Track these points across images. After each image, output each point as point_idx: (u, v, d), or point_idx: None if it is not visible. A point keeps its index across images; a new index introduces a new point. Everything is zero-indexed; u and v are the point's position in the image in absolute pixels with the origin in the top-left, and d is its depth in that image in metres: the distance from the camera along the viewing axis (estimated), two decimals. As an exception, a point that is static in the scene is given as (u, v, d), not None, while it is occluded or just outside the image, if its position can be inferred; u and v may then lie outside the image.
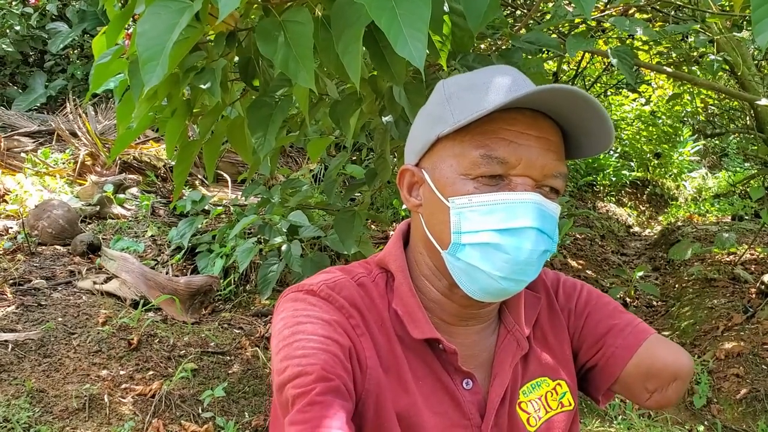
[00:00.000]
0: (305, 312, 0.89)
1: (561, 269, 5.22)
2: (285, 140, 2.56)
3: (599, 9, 3.46)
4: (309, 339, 0.85)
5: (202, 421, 2.76)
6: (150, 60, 1.30)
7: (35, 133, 5.42)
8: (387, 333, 0.92)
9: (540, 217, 0.86)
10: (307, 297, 0.91)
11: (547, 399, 0.98)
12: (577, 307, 1.04)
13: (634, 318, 1.03)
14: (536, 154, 0.86)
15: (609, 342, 1.00)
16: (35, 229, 3.84)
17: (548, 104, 0.87)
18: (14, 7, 6.50)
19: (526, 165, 0.86)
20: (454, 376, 0.94)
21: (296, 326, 0.87)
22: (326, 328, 0.86)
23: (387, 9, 1.08)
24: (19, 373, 2.70)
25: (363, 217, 2.59)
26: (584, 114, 0.87)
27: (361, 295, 0.93)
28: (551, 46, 2.01)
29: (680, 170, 9.20)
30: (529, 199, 0.86)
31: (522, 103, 0.86)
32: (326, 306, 0.90)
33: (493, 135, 0.86)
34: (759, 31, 1.09)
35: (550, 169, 0.88)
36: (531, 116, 0.87)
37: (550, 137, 0.88)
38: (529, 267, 0.87)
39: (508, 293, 0.91)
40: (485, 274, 0.87)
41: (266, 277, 3.46)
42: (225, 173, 5.35)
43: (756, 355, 3.51)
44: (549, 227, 0.88)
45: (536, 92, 0.82)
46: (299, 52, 1.33)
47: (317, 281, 0.93)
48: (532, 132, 0.87)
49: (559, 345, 1.03)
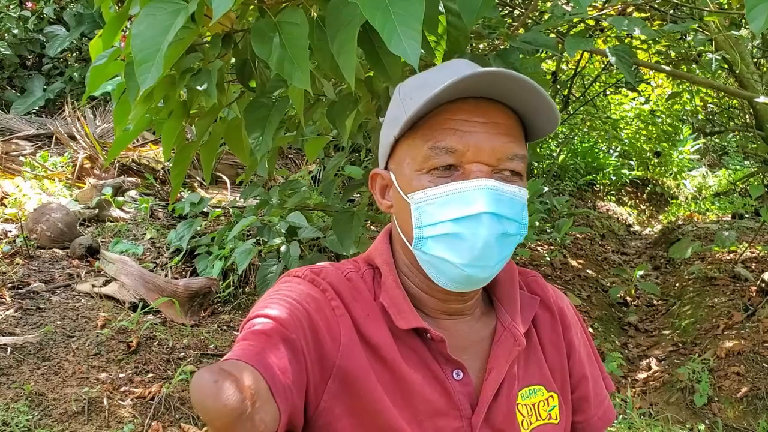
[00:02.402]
0: (287, 285, 0.94)
1: (561, 269, 5.21)
2: (282, 140, 2.56)
3: (597, 8, 3.45)
4: (281, 298, 0.89)
5: (201, 424, 2.75)
6: (145, 61, 1.30)
7: (34, 136, 5.41)
8: (376, 322, 0.94)
9: (494, 201, 0.87)
10: (293, 279, 0.95)
11: (540, 408, 1.00)
12: (574, 339, 1.08)
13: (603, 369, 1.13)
14: (483, 139, 0.88)
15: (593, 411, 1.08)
16: (34, 232, 3.84)
17: (490, 90, 0.88)
18: (12, 10, 6.50)
19: (475, 151, 0.88)
20: (444, 367, 0.95)
21: (275, 293, 0.91)
22: (302, 296, 0.90)
23: (381, 8, 1.08)
24: (18, 376, 2.69)
25: (362, 218, 2.58)
26: (526, 95, 0.88)
27: (347, 286, 0.96)
28: (548, 46, 2.01)
29: (680, 169, 9.20)
30: (481, 185, 0.87)
31: (464, 92, 0.87)
32: (310, 286, 0.93)
33: (439, 126, 0.89)
34: (753, 17, 1.09)
35: (503, 152, 0.89)
36: (476, 103, 0.89)
37: (499, 121, 0.89)
38: (488, 251, 0.88)
39: (476, 280, 0.92)
40: (449, 263, 0.89)
41: (265, 278, 3.46)
42: (224, 175, 5.35)
43: (756, 354, 3.50)
44: (507, 210, 0.88)
45: (462, 79, 0.84)
46: (294, 53, 1.32)
47: (304, 268, 0.97)
48: (478, 118, 0.88)
49: (560, 362, 1.05)
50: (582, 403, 1.08)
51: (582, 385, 1.07)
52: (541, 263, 5.21)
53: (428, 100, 0.86)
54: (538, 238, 5.56)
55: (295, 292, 0.91)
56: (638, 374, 3.87)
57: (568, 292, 4.69)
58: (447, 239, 0.89)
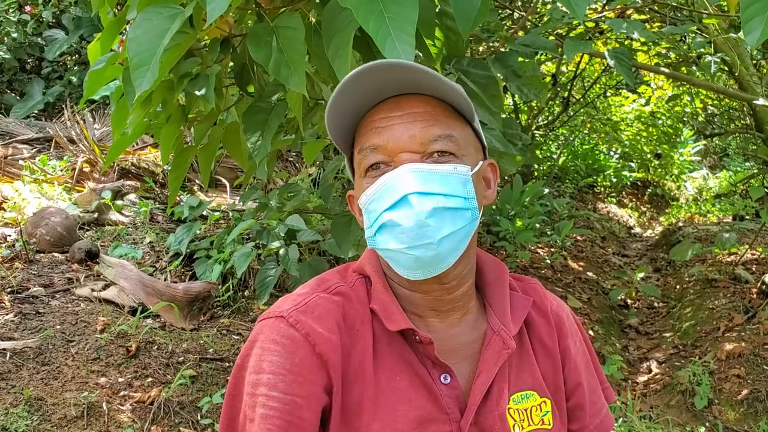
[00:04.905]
0: (270, 357, 0.92)
1: (562, 271, 5.21)
2: (281, 144, 2.55)
3: (596, 11, 3.45)
4: (269, 396, 0.89)
5: (201, 428, 2.75)
6: (141, 65, 1.30)
7: (33, 140, 5.41)
8: (365, 334, 0.96)
9: (420, 180, 0.90)
10: (275, 328, 0.93)
11: (532, 413, 1.01)
12: (570, 348, 1.08)
13: (604, 379, 1.15)
14: (401, 130, 0.92)
15: (588, 422, 1.09)
16: (33, 236, 3.84)
17: (397, 82, 0.93)
18: (11, 14, 6.50)
19: (395, 142, 0.92)
20: (432, 371, 0.96)
21: (261, 375, 0.91)
22: (287, 379, 0.90)
23: (375, 13, 1.08)
24: (17, 381, 2.69)
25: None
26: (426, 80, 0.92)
27: (336, 305, 0.96)
28: (547, 49, 2.01)
29: (681, 170, 9.20)
30: (405, 170, 0.90)
31: (376, 94, 0.94)
32: (291, 344, 0.92)
33: (364, 131, 0.95)
34: (749, 30, 1.09)
35: (424, 136, 0.92)
36: (393, 101, 0.94)
37: (416, 110, 0.93)
38: (424, 229, 0.89)
39: (428, 261, 0.92)
40: (396, 252, 0.92)
41: (264, 282, 3.45)
42: (223, 178, 5.34)
43: (757, 356, 3.50)
44: (438, 187, 0.91)
45: (341, 89, 0.92)
46: (291, 57, 1.32)
47: (287, 307, 0.95)
48: (395, 113, 0.93)
49: (553, 368, 1.06)
50: (577, 412, 1.08)
51: (577, 393, 1.08)
52: (541, 265, 5.20)
53: (327, 118, 0.95)
54: (538, 241, 5.55)
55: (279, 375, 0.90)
56: (639, 377, 3.86)
57: (569, 295, 4.69)
58: (387, 229, 0.91)
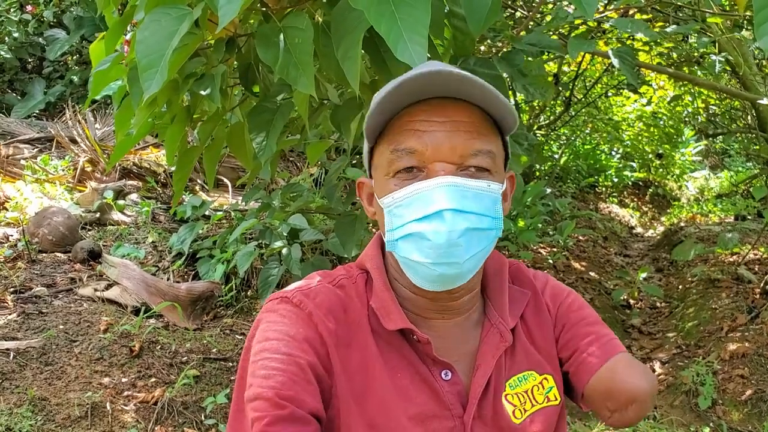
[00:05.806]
0: (274, 327, 0.93)
1: (564, 271, 5.20)
2: (285, 144, 2.55)
3: (599, 10, 3.45)
4: (272, 358, 0.90)
5: (205, 428, 2.75)
6: (149, 67, 1.29)
7: (34, 140, 5.41)
8: (364, 330, 0.95)
9: (456, 197, 0.88)
10: (280, 307, 0.95)
11: (534, 393, 1.00)
12: (560, 309, 1.06)
13: (610, 332, 1.04)
14: (443, 138, 0.89)
15: (583, 348, 1.01)
16: (35, 236, 3.83)
17: (450, 88, 0.89)
18: (12, 14, 6.49)
19: (435, 150, 0.89)
20: (432, 368, 0.96)
21: (264, 342, 0.92)
22: (290, 344, 0.90)
23: (387, 14, 1.07)
24: (20, 381, 2.69)
25: (364, 221, 2.58)
26: (484, 94, 0.89)
27: (338, 297, 0.97)
28: (553, 48, 2.00)
29: (682, 170, 9.19)
30: (439, 183, 0.88)
31: (421, 93, 0.89)
32: (295, 317, 0.93)
33: (400, 129, 0.91)
34: (762, 33, 1.08)
35: (464, 149, 0.89)
36: (439, 103, 0.90)
37: (460, 119, 0.90)
38: (454, 248, 0.88)
39: (449, 278, 0.91)
40: (419, 263, 0.90)
41: (267, 281, 3.45)
42: (225, 178, 5.34)
43: (761, 356, 3.49)
44: (472, 205, 0.89)
45: (401, 83, 0.87)
46: (299, 58, 1.32)
47: (293, 289, 0.97)
48: (437, 118, 0.89)
49: (545, 341, 1.04)
50: (568, 345, 1.03)
51: (568, 341, 1.03)
52: (543, 266, 5.20)
53: (375, 107, 0.89)
54: (540, 241, 5.55)
55: (284, 340, 0.91)
56: (642, 377, 3.85)
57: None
58: (413, 239, 0.90)
